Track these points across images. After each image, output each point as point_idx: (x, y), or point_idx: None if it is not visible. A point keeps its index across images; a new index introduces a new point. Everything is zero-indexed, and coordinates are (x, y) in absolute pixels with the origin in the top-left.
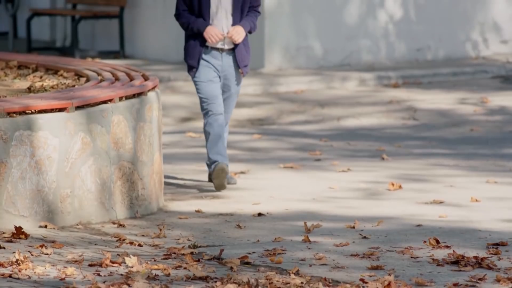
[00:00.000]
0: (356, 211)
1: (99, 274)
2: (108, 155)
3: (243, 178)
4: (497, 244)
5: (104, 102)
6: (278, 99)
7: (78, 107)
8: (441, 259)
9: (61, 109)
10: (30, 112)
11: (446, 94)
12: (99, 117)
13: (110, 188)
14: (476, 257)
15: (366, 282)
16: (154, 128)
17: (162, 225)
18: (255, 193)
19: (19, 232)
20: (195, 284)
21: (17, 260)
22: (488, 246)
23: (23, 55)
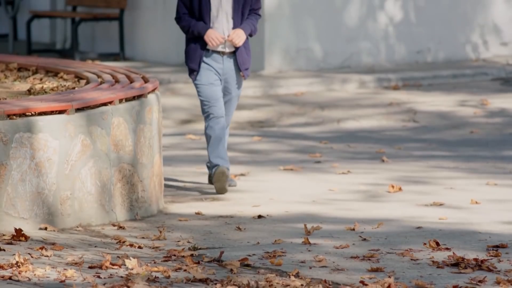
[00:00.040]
0: (356, 213)
1: (99, 276)
2: (108, 157)
3: (243, 180)
4: (497, 246)
5: (104, 104)
6: (278, 101)
7: (78, 109)
8: (441, 261)
9: (61, 111)
10: (30, 114)
11: (446, 96)
12: (99, 119)
13: (110, 190)
14: (476, 259)
15: (366, 284)
16: (154, 130)
17: (162, 227)
18: (255, 195)
19: (19, 234)
20: (195, 286)
21: (17, 262)
22: (488, 248)
23: (23, 57)
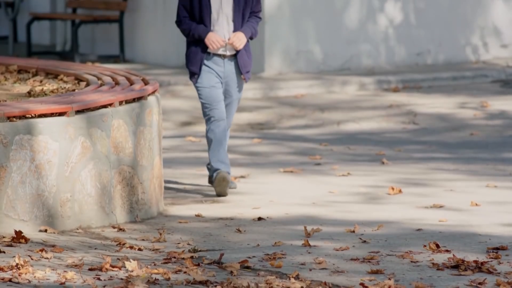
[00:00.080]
0: (356, 215)
1: (99, 279)
2: (108, 160)
3: (243, 183)
4: (497, 248)
5: (104, 107)
6: (278, 103)
7: (78, 112)
8: (441, 263)
9: (61, 114)
10: (30, 117)
11: (446, 98)
12: (99, 122)
13: (110, 192)
14: (476, 261)
15: (366, 287)
16: (154, 133)
17: (162, 229)
18: (255, 197)
19: (19, 237)
20: None
21: (17, 265)
22: (488, 250)
23: (23, 60)
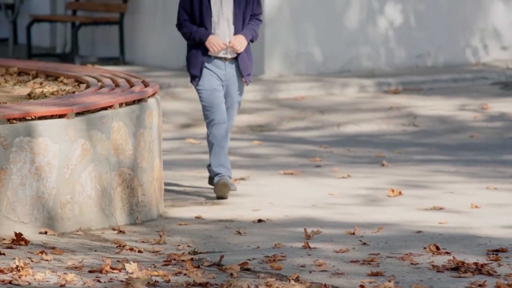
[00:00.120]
0: (356, 218)
1: (99, 281)
2: (108, 162)
3: (243, 185)
4: (497, 251)
5: (104, 109)
6: (278, 106)
7: (78, 114)
8: (441, 266)
9: (61, 116)
10: (30, 119)
11: (446, 101)
12: (99, 124)
13: (110, 194)
14: (476, 264)
15: None
16: (154, 135)
17: (162, 232)
18: (255, 200)
19: (19, 239)
20: None
21: (17, 267)
22: (488, 253)
23: (23, 62)
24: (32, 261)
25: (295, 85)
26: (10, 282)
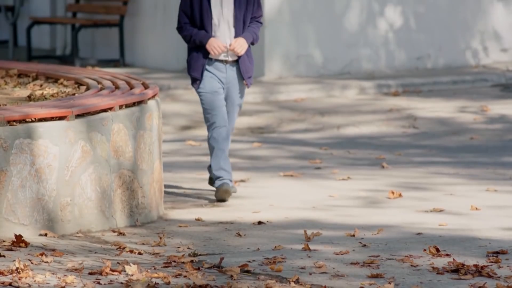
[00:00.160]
0: (356, 219)
1: (99, 283)
2: (108, 164)
3: (243, 187)
4: (497, 253)
5: (104, 111)
6: (278, 108)
7: (78, 116)
8: (441, 268)
9: (61, 118)
10: (30, 121)
11: (446, 103)
12: (99, 126)
13: (110, 197)
14: (476, 266)
15: None
16: (154, 137)
17: (162, 233)
18: (255, 201)
19: (19, 241)
20: None
21: (17, 269)
22: (488, 255)
23: (23, 64)
24: (32, 263)
25: (295, 87)
26: (10, 284)
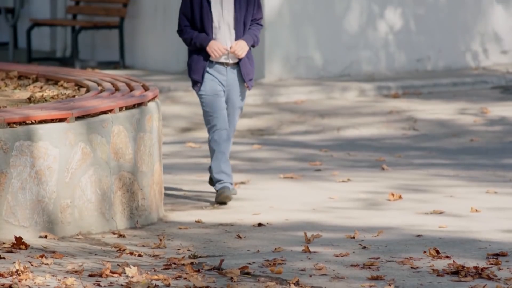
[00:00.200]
0: (356, 221)
1: (99, 285)
2: (108, 166)
3: (243, 189)
4: (497, 255)
5: (104, 113)
6: (278, 110)
7: (78, 118)
8: (441, 270)
9: (62, 120)
10: (30, 123)
11: (446, 105)
12: (99, 128)
13: (110, 198)
14: (476, 268)
15: None
16: (154, 139)
17: (162, 235)
18: (255, 203)
19: (19, 243)
20: None
21: (17, 271)
22: (488, 257)
23: (24, 66)
24: (32, 265)
25: (295, 89)
26: (10, 286)
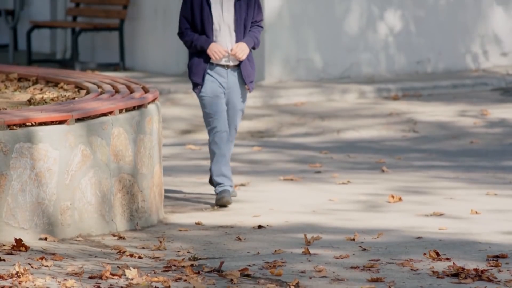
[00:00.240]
0: (356, 223)
1: (99, 287)
2: (108, 168)
3: (243, 190)
4: (497, 257)
5: (104, 115)
6: (278, 112)
7: (78, 120)
8: (441, 272)
9: (61, 122)
10: (30, 125)
11: (446, 107)
12: (99, 130)
13: (110, 201)
14: (476, 270)
15: None
16: (154, 141)
17: (162, 238)
18: (255, 205)
19: (19, 245)
20: None
21: (17, 273)
22: (488, 259)
23: (24, 68)
24: (32, 267)
25: (295, 91)
26: None
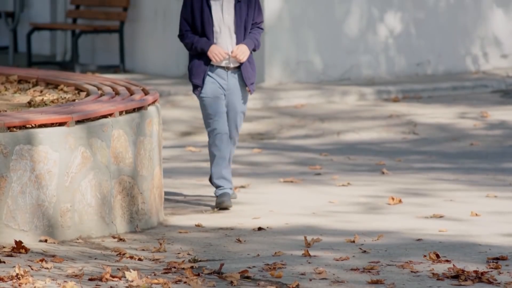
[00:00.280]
0: (356, 225)
1: None
2: (108, 170)
3: (243, 193)
4: (497, 259)
5: (104, 117)
6: (278, 114)
7: (78, 122)
8: (441, 274)
9: (62, 124)
10: (30, 127)
11: (446, 109)
12: (99, 132)
13: (110, 203)
14: (476, 272)
15: None
16: (154, 143)
17: (162, 239)
18: (255, 207)
19: (19, 247)
20: None
21: (17, 275)
22: (488, 261)
23: (24, 70)
24: (32, 269)
25: (295, 93)
26: None
